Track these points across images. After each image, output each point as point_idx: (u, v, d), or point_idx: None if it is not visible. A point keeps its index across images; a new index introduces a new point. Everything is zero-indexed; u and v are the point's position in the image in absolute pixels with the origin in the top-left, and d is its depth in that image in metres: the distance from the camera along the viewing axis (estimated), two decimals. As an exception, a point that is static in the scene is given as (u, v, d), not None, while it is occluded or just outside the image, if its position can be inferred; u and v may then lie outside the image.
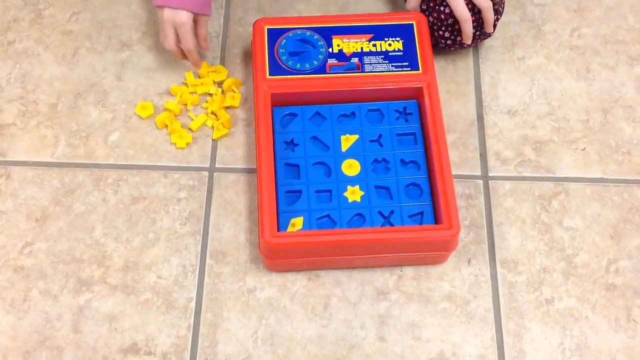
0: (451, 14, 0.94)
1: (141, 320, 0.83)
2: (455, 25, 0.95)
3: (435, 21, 0.95)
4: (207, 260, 0.87)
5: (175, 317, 0.84)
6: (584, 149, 0.96)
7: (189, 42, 0.92)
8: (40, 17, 1.03)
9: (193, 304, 0.85)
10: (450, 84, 1.00)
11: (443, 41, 0.97)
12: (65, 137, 0.94)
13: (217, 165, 0.94)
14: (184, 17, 0.89)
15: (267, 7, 1.05)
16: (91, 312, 0.84)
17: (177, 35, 0.92)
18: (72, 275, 0.86)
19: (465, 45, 0.97)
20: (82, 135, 0.95)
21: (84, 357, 0.81)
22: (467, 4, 0.92)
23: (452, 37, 0.96)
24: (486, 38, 0.99)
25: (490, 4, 0.93)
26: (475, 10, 0.94)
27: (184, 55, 0.95)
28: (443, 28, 0.95)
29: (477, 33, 0.96)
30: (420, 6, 0.97)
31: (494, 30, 0.97)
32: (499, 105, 0.99)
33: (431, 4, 0.95)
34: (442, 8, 0.94)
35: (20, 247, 0.87)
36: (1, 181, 0.91)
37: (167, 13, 0.89)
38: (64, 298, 0.84)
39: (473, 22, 0.94)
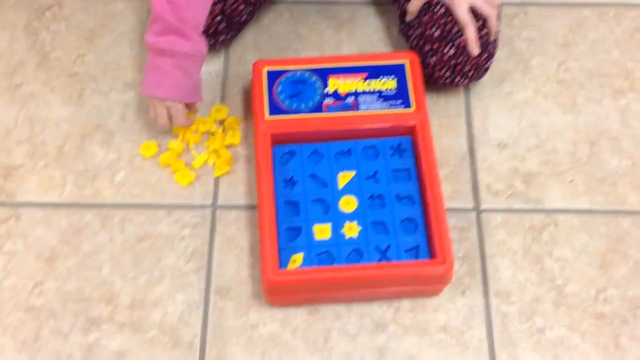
0: (454, 56, 0.97)
1: (148, 358, 0.87)
2: (457, 67, 0.98)
3: (437, 62, 0.98)
4: (211, 297, 0.91)
5: (181, 353, 0.87)
6: (572, 180, 1.00)
7: (181, 121, 0.95)
8: (46, 60, 1.07)
9: (198, 340, 0.88)
10: (442, 119, 1.04)
11: (442, 80, 1.00)
12: (73, 178, 0.98)
13: (219, 203, 0.97)
14: (175, 105, 0.93)
15: (265, 46, 1.09)
16: (100, 350, 0.87)
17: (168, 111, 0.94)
18: (81, 314, 0.89)
19: (460, 84, 1.01)
20: (88, 175, 0.98)
21: (94, 394, 0.85)
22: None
23: (452, 77, 1.00)
24: (479, 78, 1.02)
25: (495, 12, 0.96)
26: (468, 55, 0.97)
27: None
28: (445, 68, 0.99)
29: (471, 73, 0.99)
30: (424, 47, 0.99)
31: (486, 72, 1.00)
32: (489, 138, 1.03)
33: (435, 46, 0.98)
34: (446, 49, 0.97)
35: (30, 287, 0.91)
36: (11, 222, 0.95)
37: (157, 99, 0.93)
38: (74, 337, 0.88)
39: (470, 62, 0.97)
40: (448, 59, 0.97)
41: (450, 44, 0.96)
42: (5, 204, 0.96)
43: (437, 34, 0.97)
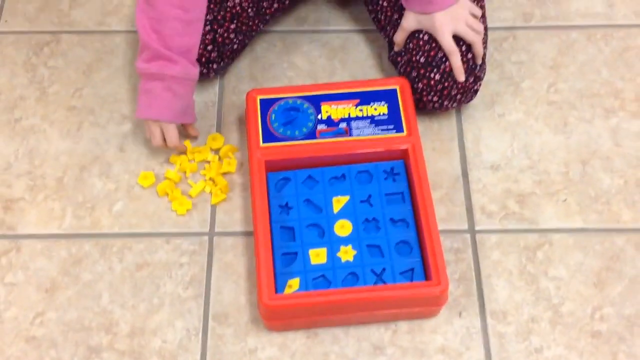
0: (441, 81, 0.99)
1: (148, 385, 0.87)
2: (444, 91, 1.00)
3: (425, 87, 1.00)
4: (210, 323, 0.91)
5: (180, 380, 0.88)
6: (565, 200, 1.01)
7: (174, 141, 0.99)
8: (45, 94, 1.09)
9: (197, 367, 0.89)
10: (435, 142, 1.05)
11: (431, 104, 1.02)
12: (72, 209, 0.99)
13: (216, 230, 0.98)
14: (167, 125, 0.97)
15: (259, 76, 1.11)
16: (100, 378, 0.88)
17: (162, 132, 0.98)
18: (81, 343, 0.90)
19: (450, 107, 1.03)
20: (87, 206, 1.00)
21: (94, 423, 0.85)
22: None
23: (440, 101, 1.01)
24: (469, 101, 1.04)
25: (479, 37, 0.98)
26: (454, 80, 0.99)
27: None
28: (432, 93, 1.00)
29: (459, 97, 1.01)
30: (411, 73, 1.01)
31: (475, 95, 1.02)
32: (482, 160, 1.04)
33: (422, 71, 1.00)
34: (432, 75, 0.99)
35: (31, 317, 0.92)
36: (12, 254, 0.96)
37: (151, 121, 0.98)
38: (75, 366, 0.89)
39: (457, 86, 0.99)
40: (434, 84, 0.99)
41: (436, 69, 0.98)
42: (6, 237, 0.97)
43: (422, 60, 0.99)
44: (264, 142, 0.98)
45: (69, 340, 0.90)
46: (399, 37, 1.02)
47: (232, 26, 1.04)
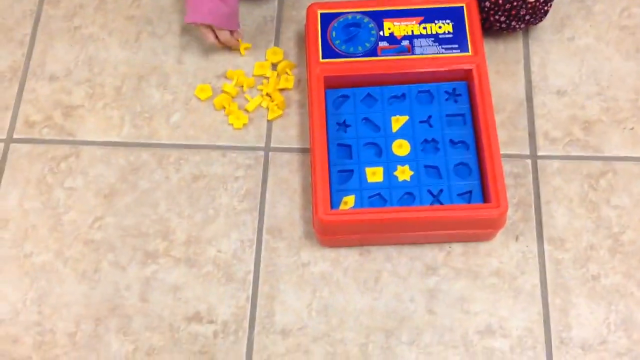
0: None
1: (203, 291, 0.89)
2: (512, 11, 0.96)
3: (492, 6, 0.96)
4: (264, 236, 0.92)
5: (234, 288, 0.89)
6: (632, 128, 0.97)
7: (227, 38, 1.00)
8: (104, 3, 1.08)
9: (251, 277, 0.90)
10: (500, 65, 1.02)
11: (498, 25, 0.98)
12: (130, 118, 1.00)
13: (272, 145, 0.98)
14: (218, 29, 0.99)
15: (319, -9, 1.08)
16: (157, 282, 0.90)
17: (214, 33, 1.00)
18: (139, 248, 0.92)
19: (517, 28, 0.99)
20: (145, 116, 1.00)
21: (151, 324, 0.87)
22: None
23: (507, 21, 0.97)
24: (537, 22, 1.00)
25: None
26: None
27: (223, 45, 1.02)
28: (500, 12, 0.97)
29: (528, 17, 0.97)
30: None
31: (545, 16, 0.98)
32: (548, 85, 1.00)
33: None
34: None
35: (90, 221, 0.93)
36: (71, 160, 0.97)
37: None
38: (132, 269, 0.90)
39: (526, 6, 0.95)
40: (503, 2, 0.95)
41: None
42: (66, 142, 0.99)
43: None
44: (323, 57, 0.96)
45: (126, 244, 0.92)
46: None
47: None
